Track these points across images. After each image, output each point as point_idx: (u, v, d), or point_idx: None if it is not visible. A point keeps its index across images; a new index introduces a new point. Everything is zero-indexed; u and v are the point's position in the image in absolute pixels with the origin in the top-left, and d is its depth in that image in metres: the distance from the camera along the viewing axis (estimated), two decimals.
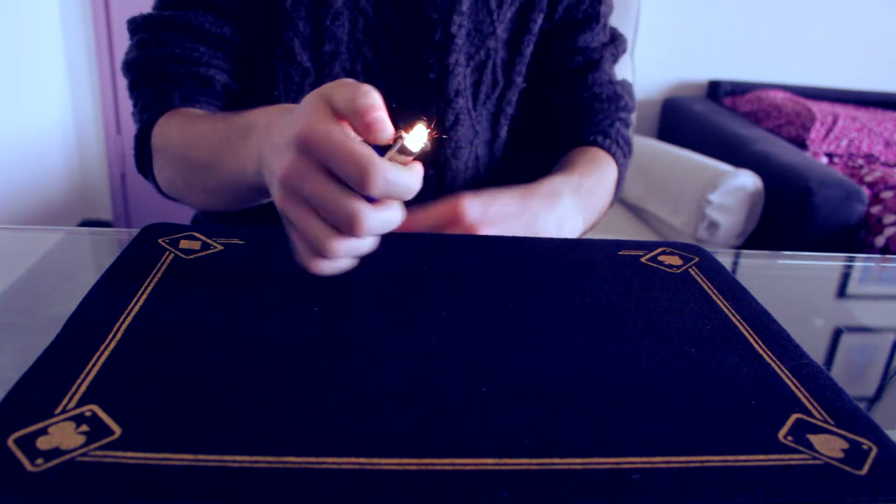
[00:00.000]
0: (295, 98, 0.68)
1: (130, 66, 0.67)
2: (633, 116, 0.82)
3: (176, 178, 0.63)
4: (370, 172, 0.37)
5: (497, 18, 0.70)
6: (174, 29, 0.65)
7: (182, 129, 0.60)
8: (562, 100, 0.78)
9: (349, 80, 0.41)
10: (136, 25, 0.67)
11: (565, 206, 0.63)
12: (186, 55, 0.65)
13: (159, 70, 0.65)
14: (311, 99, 0.41)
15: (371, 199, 0.40)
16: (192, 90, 0.65)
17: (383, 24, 0.68)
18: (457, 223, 0.56)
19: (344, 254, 0.41)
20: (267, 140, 0.45)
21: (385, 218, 0.40)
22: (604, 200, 0.73)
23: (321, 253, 0.41)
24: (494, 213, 0.58)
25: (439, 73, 0.69)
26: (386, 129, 0.39)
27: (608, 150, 0.75)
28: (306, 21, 0.66)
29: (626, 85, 0.80)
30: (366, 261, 0.48)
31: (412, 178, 0.39)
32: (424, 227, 0.55)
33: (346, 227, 0.39)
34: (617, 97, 0.77)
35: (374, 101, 0.39)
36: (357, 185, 0.38)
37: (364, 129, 0.38)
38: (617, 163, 0.76)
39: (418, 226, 0.55)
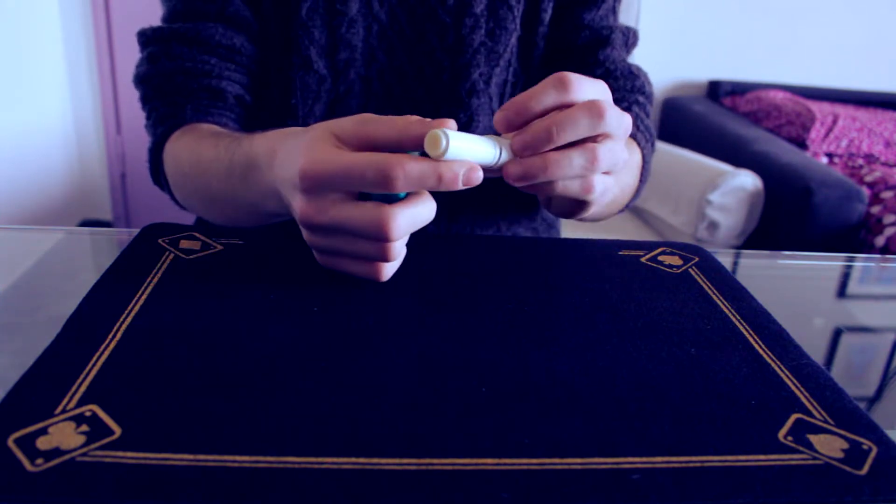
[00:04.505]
0: (312, 105, 0.69)
1: (142, 80, 0.66)
2: (651, 107, 0.76)
3: (194, 202, 0.63)
4: (390, 167, 0.39)
5: (517, 14, 0.70)
6: (184, 42, 0.65)
7: (191, 153, 0.60)
8: None
9: (368, 124, 0.43)
10: (147, 38, 0.67)
11: None
12: (197, 68, 0.64)
13: (170, 84, 0.65)
14: (316, 131, 0.43)
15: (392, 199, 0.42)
16: (203, 103, 0.65)
17: (397, 30, 0.68)
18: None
19: (393, 256, 0.44)
20: (273, 175, 0.47)
21: (415, 213, 0.42)
22: (628, 179, 0.65)
23: (372, 268, 0.44)
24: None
25: (451, 75, 0.69)
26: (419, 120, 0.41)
27: (632, 137, 0.67)
28: (321, 29, 0.66)
29: (642, 70, 0.76)
30: None
31: (433, 164, 0.40)
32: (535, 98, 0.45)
33: (377, 235, 0.41)
34: (633, 76, 0.73)
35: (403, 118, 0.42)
36: (381, 186, 0.40)
37: (403, 128, 0.41)
38: (639, 145, 0.68)
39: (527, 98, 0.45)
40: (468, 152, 0.42)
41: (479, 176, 0.41)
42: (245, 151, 0.51)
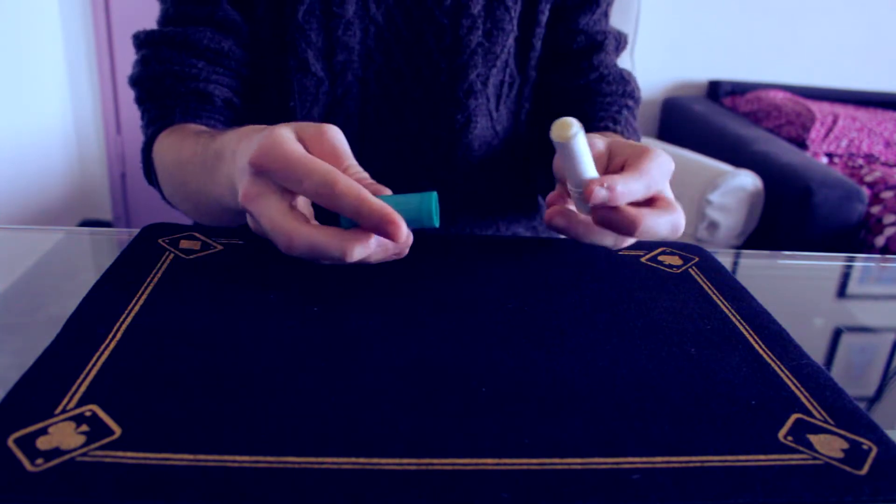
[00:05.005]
0: (310, 107, 0.69)
1: (135, 83, 0.68)
2: (638, 110, 0.80)
3: (176, 197, 0.64)
4: (329, 186, 0.38)
5: (514, 16, 0.70)
6: (173, 46, 0.66)
7: (174, 151, 0.61)
8: (568, 82, 0.77)
9: (329, 134, 0.43)
10: (140, 41, 0.68)
11: None
12: (185, 72, 0.65)
13: (160, 87, 0.66)
14: (278, 126, 0.43)
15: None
16: (192, 105, 0.66)
17: (394, 32, 0.68)
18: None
19: (313, 260, 0.43)
20: (234, 166, 0.46)
21: (319, 245, 0.40)
22: None
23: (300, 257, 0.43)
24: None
25: (449, 76, 0.69)
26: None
27: (621, 136, 0.72)
28: (318, 32, 0.66)
29: (632, 75, 0.79)
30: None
31: (366, 201, 0.38)
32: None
33: (282, 246, 0.41)
34: (624, 81, 0.76)
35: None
36: (316, 200, 0.40)
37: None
38: None
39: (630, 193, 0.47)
40: (583, 156, 0.45)
41: (403, 239, 0.39)
42: (216, 146, 0.51)
